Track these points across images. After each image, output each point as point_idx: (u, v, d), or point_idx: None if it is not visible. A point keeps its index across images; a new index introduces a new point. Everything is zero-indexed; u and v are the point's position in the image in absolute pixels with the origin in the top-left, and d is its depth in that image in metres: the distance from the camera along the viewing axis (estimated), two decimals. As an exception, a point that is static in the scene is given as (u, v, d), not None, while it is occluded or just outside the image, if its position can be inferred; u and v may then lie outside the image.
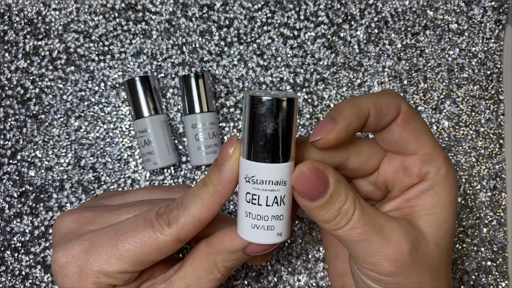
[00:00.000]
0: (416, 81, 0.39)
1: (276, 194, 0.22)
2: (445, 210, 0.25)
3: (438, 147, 0.26)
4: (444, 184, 0.25)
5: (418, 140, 0.25)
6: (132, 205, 0.27)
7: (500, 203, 0.39)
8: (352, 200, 0.23)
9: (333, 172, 0.23)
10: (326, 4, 0.39)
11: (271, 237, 0.23)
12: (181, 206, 0.24)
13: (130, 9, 0.38)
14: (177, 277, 0.26)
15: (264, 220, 0.23)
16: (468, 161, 0.39)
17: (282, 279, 0.38)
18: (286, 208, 0.23)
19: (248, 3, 0.39)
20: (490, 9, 0.40)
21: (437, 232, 0.25)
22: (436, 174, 0.25)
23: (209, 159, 0.36)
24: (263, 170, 0.22)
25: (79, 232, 0.26)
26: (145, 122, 0.36)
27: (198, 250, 0.26)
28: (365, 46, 0.39)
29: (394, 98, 0.25)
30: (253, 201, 0.22)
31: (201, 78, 0.36)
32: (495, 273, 0.39)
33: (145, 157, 0.36)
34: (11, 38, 0.38)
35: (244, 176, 0.23)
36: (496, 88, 0.40)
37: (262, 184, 0.22)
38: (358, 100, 0.24)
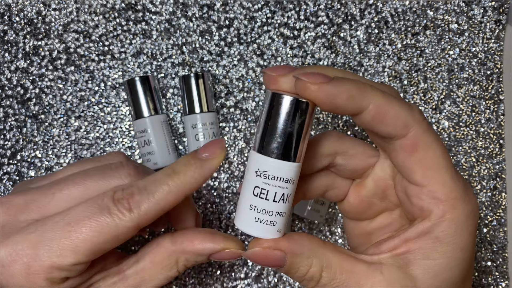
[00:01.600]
0: (416, 81, 0.40)
1: (284, 192, 0.23)
2: (446, 258, 0.23)
3: (449, 186, 0.22)
4: (448, 231, 0.23)
5: (424, 173, 0.23)
6: (64, 180, 0.25)
7: (500, 203, 0.39)
8: (318, 267, 0.23)
9: (290, 244, 0.23)
10: (326, 4, 0.39)
11: (271, 232, 0.23)
12: (144, 191, 0.23)
13: (130, 9, 0.38)
14: (132, 271, 0.25)
15: (268, 215, 0.23)
16: (468, 161, 0.39)
17: (282, 279, 0.38)
18: (289, 206, 0.23)
19: (248, 3, 0.39)
20: (490, 9, 0.40)
21: (432, 280, 0.23)
22: (440, 217, 0.23)
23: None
24: (277, 166, 0.22)
25: (18, 224, 0.23)
26: (145, 122, 0.36)
27: (161, 246, 0.26)
28: (365, 46, 0.39)
29: (407, 113, 0.22)
30: (261, 195, 0.23)
31: (201, 78, 0.36)
32: (495, 273, 0.39)
33: (145, 157, 0.36)
34: (11, 38, 0.38)
35: (256, 170, 0.23)
36: (496, 88, 0.40)
37: (273, 180, 0.23)
38: (366, 87, 0.22)
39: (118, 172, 0.26)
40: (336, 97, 0.21)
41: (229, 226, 0.38)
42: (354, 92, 0.21)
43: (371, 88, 0.22)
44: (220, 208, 0.38)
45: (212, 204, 0.38)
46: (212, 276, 0.38)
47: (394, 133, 0.22)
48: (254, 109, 0.39)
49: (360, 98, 0.22)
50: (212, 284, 0.38)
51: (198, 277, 0.38)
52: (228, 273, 0.38)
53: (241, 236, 0.38)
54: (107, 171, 0.26)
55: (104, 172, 0.25)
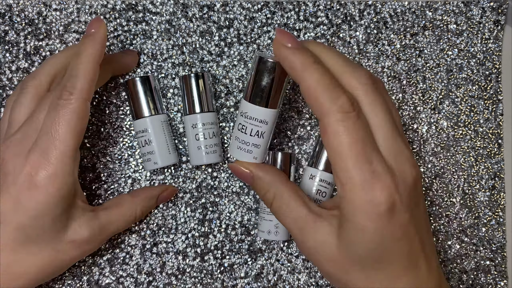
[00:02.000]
0: (415, 81, 0.40)
1: (259, 129, 0.31)
2: (350, 234, 0.27)
3: (349, 173, 0.26)
4: (347, 210, 0.27)
5: (331, 155, 0.27)
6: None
7: (499, 202, 0.40)
8: (272, 194, 0.31)
9: (258, 169, 0.31)
10: (325, 5, 0.39)
11: (248, 158, 0.32)
12: (70, 77, 0.30)
13: (130, 9, 0.38)
14: (103, 213, 0.33)
15: (246, 145, 0.31)
16: (467, 160, 0.40)
17: (282, 278, 0.38)
18: (264, 141, 0.31)
19: (248, 3, 0.39)
20: (489, 10, 0.40)
21: (345, 247, 0.28)
22: (341, 196, 0.27)
23: (209, 159, 0.36)
24: (254, 109, 0.30)
25: (27, 147, 0.30)
26: (146, 122, 0.36)
27: (124, 200, 0.35)
28: (364, 46, 0.39)
29: (325, 102, 0.26)
30: (242, 130, 0.31)
31: (201, 78, 0.36)
32: (493, 272, 0.39)
33: (146, 156, 0.36)
34: (12, 39, 0.38)
35: (241, 112, 0.31)
36: (495, 88, 0.40)
37: (250, 120, 0.31)
38: (309, 68, 0.27)
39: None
40: (285, 60, 0.27)
41: (229, 226, 0.38)
42: (297, 65, 0.27)
43: (314, 71, 0.26)
44: (220, 208, 0.38)
45: (212, 204, 0.38)
46: (212, 275, 0.38)
47: (314, 113, 0.27)
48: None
49: (298, 73, 0.27)
50: (212, 283, 0.38)
51: (199, 276, 0.38)
52: (228, 272, 0.38)
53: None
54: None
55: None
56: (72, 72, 0.30)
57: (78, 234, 0.31)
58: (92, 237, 0.32)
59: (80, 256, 0.32)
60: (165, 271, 0.38)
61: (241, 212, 0.38)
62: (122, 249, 0.38)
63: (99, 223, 0.33)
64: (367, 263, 0.28)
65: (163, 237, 0.38)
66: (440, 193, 0.39)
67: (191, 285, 0.38)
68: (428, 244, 0.29)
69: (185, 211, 0.38)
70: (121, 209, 0.34)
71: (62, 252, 0.31)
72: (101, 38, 0.31)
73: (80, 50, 0.30)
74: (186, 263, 0.38)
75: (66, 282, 0.37)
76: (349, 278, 0.28)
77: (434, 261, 0.30)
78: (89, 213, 0.32)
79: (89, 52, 0.30)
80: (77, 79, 0.30)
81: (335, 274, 0.29)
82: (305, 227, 0.29)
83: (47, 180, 0.29)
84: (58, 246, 0.31)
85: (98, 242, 0.33)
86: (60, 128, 0.29)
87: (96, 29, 0.31)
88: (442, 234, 0.39)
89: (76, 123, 0.29)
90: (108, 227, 0.33)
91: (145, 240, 0.38)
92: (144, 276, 0.38)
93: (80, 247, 0.32)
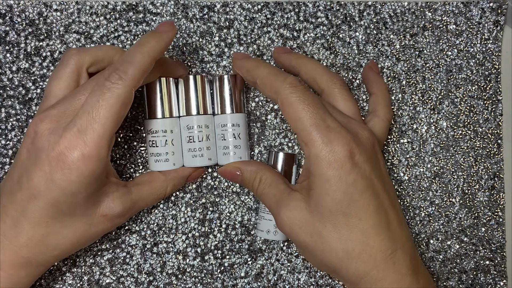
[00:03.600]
0: (415, 81, 0.40)
1: (234, 132, 0.36)
2: (317, 188, 0.30)
3: (308, 132, 0.30)
4: (313, 165, 0.30)
5: (293, 124, 0.31)
6: (79, 89, 0.31)
7: (498, 202, 0.40)
8: (258, 179, 0.34)
9: (244, 164, 0.35)
10: (325, 5, 0.39)
11: (232, 159, 0.36)
12: (124, 62, 0.30)
13: (131, 10, 0.38)
14: (135, 189, 0.34)
15: (227, 149, 0.36)
16: (466, 161, 0.40)
17: (282, 278, 0.38)
18: (242, 141, 0.36)
19: (248, 4, 0.39)
20: (489, 10, 0.40)
21: (314, 206, 0.31)
22: (307, 156, 0.31)
23: (198, 162, 0.36)
24: (225, 118, 0.36)
25: (63, 125, 0.29)
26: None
27: (155, 176, 0.35)
28: (364, 47, 0.39)
29: (278, 82, 0.31)
30: (222, 138, 0.36)
31: (193, 80, 0.36)
32: (493, 272, 0.39)
33: (163, 156, 0.36)
34: (13, 39, 0.38)
35: (217, 123, 0.36)
36: (494, 89, 0.40)
37: (225, 127, 0.36)
38: (258, 67, 0.33)
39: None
40: (242, 67, 0.35)
41: (229, 225, 0.38)
42: (250, 68, 0.34)
43: (264, 67, 0.33)
44: (220, 208, 0.39)
45: (213, 204, 0.38)
46: (213, 275, 0.38)
47: (272, 97, 0.32)
48: (254, 109, 0.39)
49: (252, 72, 0.33)
50: (212, 283, 0.38)
51: (199, 276, 0.38)
52: (228, 272, 0.38)
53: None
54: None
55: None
56: (127, 57, 0.30)
57: (111, 209, 0.32)
58: (124, 211, 0.33)
59: (111, 227, 0.33)
60: (166, 271, 0.38)
61: (241, 212, 0.38)
62: (123, 249, 0.38)
63: (131, 199, 0.33)
64: (337, 219, 0.30)
65: (163, 237, 0.38)
66: (439, 193, 0.40)
67: (191, 285, 0.38)
68: (397, 208, 0.32)
69: (186, 211, 0.38)
70: (153, 186, 0.35)
71: (94, 225, 0.32)
72: (168, 38, 0.31)
73: (143, 41, 0.30)
74: (186, 263, 0.38)
75: (67, 282, 0.37)
76: (323, 240, 0.31)
77: (406, 227, 0.33)
78: (122, 188, 0.33)
79: (152, 45, 0.30)
80: (130, 65, 0.29)
81: (310, 241, 0.31)
82: (281, 199, 0.32)
83: (81, 161, 0.28)
84: (91, 220, 0.32)
85: (128, 215, 0.34)
86: (102, 110, 0.28)
87: (167, 30, 0.32)
88: (442, 234, 0.39)
89: (119, 108, 0.29)
90: (139, 203, 0.34)
91: (145, 240, 0.38)
92: (145, 276, 0.38)
93: (112, 220, 0.33)
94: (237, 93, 0.36)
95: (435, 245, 0.39)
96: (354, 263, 0.30)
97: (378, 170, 0.32)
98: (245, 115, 0.37)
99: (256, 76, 0.33)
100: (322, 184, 0.30)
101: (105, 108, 0.29)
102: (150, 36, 0.31)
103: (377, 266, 0.30)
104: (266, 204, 0.34)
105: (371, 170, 0.30)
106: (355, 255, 0.30)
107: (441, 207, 0.39)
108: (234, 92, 0.36)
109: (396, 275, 0.30)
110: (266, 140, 0.39)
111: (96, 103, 0.29)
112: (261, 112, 0.39)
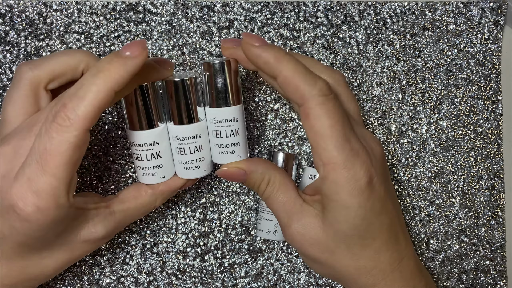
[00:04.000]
0: (415, 81, 0.40)
1: (232, 128, 0.31)
2: (334, 213, 0.28)
3: (331, 153, 0.27)
4: (330, 189, 0.28)
5: (313, 138, 0.27)
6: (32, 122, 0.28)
7: (498, 202, 0.40)
8: (266, 181, 0.31)
9: (249, 164, 0.31)
10: (325, 5, 0.39)
11: (233, 158, 0.31)
12: (74, 97, 0.25)
13: (131, 10, 0.38)
14: (119, 209, 0.31)
15: (226, 147, 0.31)
16: (466, 161, 0.40)
17: (282, 278, 0.38)
18: (241, 137, 0.31)
19: (248, 4, 0.39)
20: (489, 10, 0.40)
21: (330, 227, 0.29)
22: (324, 177, 0.28)
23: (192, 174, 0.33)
24: (220, 112, 0.31)
25: (15, 168, 0.26)
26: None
27: (142, 191, 0.32)
28: (364, 47, 0.39)
29: (305, 88, 0.27)
30: (217, 135, 0.31)
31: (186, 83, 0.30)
32: (493, 272, 0.39)
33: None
34: (13, 39, 0.38)
35: (210, 120, 0.31)
36: (494, 89, 0.40)
37: (221, 122, 0.31)
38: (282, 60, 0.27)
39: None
40: (258, 58, 0.27)
41: (229, 226, 0.38)
42: (271, 59, 0.27)
43: (288, 61, 0.27)
44: (220, 208, 0.39)
45: (213, 204, 0.38)
46: (213, 275, 0.38)
47: (295, 101, 0.27)
48: (254, 109, 0.39)
49: (273, 66, 0.27)
50: (212, 283, 0.38)
51: (199, 276, 0.38)
52: (228, 272, 0.38)
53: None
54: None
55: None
56: (79, 91, 0.25)
57: (92, 234, 0.30)
58: (107, 233, 0.31)
59: (96, 248, 0.31)
60: (166, 271, 0.38)
61: (241, 212, 0.38)
62: (123, 248, 0.38)
63: (114, 220, 0.30)
64: (352, 241, 0.29)
65: (163, 237, 0.38)
66: (439, 193, 0.40)
67: (191, 285, 0.38)
68: (402, 217, 0.33)
69: (185, 211, 0.38)
70: (139, 203, 0.32)
71: (77, 250, 0.30)
72: (134, 66, 0.25)
73: (100, 68, 0.25)
74: (186, 263, 0.38)
75: (67, 282, 0.37)
76: (335, 258, 0.29)
77: (408, 234, 0.33)
78: (103, 211, 0.30)
79: (111, 76, 0.25)
80: (81, 102, 0.24)
81: (320, 257, 0.30)
82: (292, 210, 0.30)
83: (38, 213, 0.25)
84: (72, 247, 0.30)
85: (113, 235, 0.32)
86: (51, 159, 0.24)
87: (134, 54, 0.25)
88: (442, 234, 0.39)
89: (71, 153, 0.25)
90: (125, 220, 0.32)
91: (145, 240, 0.38)
92: (145, 276, 0.38)
93: (95, 243, 0.31)
94: (233, 83, 0.31)
95: (435, 245, 0.39)
96: (364, 278, 0.30)
97: (389, 187, 0.31)
98: (243, 106, 0.32)
99: (279, 72, 0.27)
100: (340, 210, 0.28)
101: (54, 157, 0.24)
102: (110, 62, 0.25)
103: (385, 278, 0.30)
104: (273, 209, 0.31)
105: (385, 191, 0.29)
106: (366, 271, 0.30)
107: (441, 207, 0.39)
108: (231, 82, 0.30)
109: (402, 282, 0.30)
110: (266, 140, 0.39)
111: (44, 151, 0.25)
112: (261, 112, 0.39)
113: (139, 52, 0.25)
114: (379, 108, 0.40)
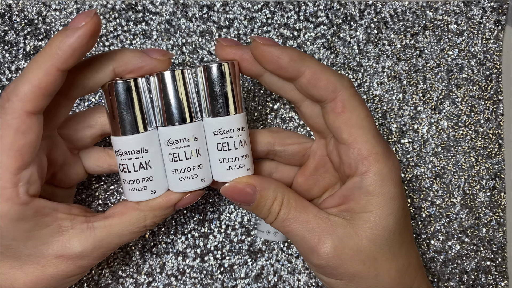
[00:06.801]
0: (416, 81, 0.40)
1: (240, 138, 0.27)
2: (379, 209, 0.26)
3: (371, 143, 0.26)
4: (375, 183, 0.26)
5: (350, 131, 0.26)
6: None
7: (499, 203, 0.40)
8: (279, 201, 0.27)
9: (261, 180, 0.27)
10: (325, 5, 0.39)
11: (242, 173, 0.27)
12: (16, 80, 0.23)
13: (130, 9, 0.38)
14: (100, 224, 0.27)
15: (236, 161, 0.27)
16: (467, 161, 0.40)
17: (282, 279, 0.38)
18: (248, 148, 0.28)
19: (248, 3, 0.39)
20: (490, 10, 0.40)
21: (372, 229, 0.27)
22: (366, 171, 0.26)
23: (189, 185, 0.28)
24: (226, 121, 0.27)
25: None
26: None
27: (128, 206, 0.28)
28: (364, 46, 0.39)
29: (337, 80, 0.26)
30: (224, 149, 0.27)
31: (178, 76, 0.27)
32: (494, 272, 0.39)
33: (139, 184, 0.28)
34: (12, 39, 0.38)
35: (212, 131, 0.27)
36: (496, 89, 0.40)
37: (228, 133, 0.27)
38: (305, 56, 0.26)
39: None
40: (280, 58, 0.26)
41: (229, 226, 0.38)
42: (295, 57, 0.26)
43: (311, 58, 0.26)
44: (220, 208, 0.38)
45: (212, 205, 0.38)
46: (212, 275, 0.38)
47: (326, 96, 0.26)
48: (254, 110, 0.39)
49: (299, 63, 0.26)
50: (212, 284, 0.38)
51: (199, 277, 0.38)
52: (228, 273, 0.38)
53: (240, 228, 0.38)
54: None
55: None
56: (23, 70, 0.23)
57: (66, 249, 0.27)
58: (86, 251, 0.27)
59: (78, 270, 0.28)
60: (165, 271, 0.38)
61: (241, 213, 0.38)
62: (122, 249, 0.38)
63: (93, 236, 0.27)
64: (394, 238, 0.27)
65: (163, 238, 0.38)
66: (440, 194, 0.39)
67: (191, 286, 0.38)
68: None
69: (185, 212, 0.38)
70: (124, 220, 0.28)
71: (50, 267, 0.27)
72: (79, 38, 0.23)
73: (46, 45, 0.23)
74: (186, 263, 0.38)
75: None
76: (378, 264, 0.27)
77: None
78: (80, 225, 0.27)
79: (52, 51, 0.23)
80: (21, 82, 0.23)
81: (362, 270, 0.27)
82: (320, 227, 0.27)
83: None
84: (43, 262, 0.27)
85: (97, 256, 0.28)
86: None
87: (77, 24, 0.23)
88: (443, 234, 0.39)
89: (13, 139, 0.23)
90: (109, 240, 0.28)
91: (145, 241, 0.38)
92: (144, 277, 0.38)
93: (73, 261, 0.27)
94: (237, 87, 0.27)
95: (436, 245, 0.39)
96: (403, 280, 0.28)
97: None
98: (246, 114, 0.28)
99: (305, 68, 0.26)
100: (386, 203, 0.26)
101: (7, 144, 0.23)
102: (53, 37, 0.23)
103: (417, 275, 0.28)
104: (294, 233, 0.27)
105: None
106: (404, 271, 0.28)
107: (442, 208, 0.39)
108: (235, 86, 0.27)
109: (422, 278, 0.29)
110: (266, 140, 0.39)
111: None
112: (261, 112, 0.39)
113: (85, 22, 0.23)
114: (379, 108, 0.39)
